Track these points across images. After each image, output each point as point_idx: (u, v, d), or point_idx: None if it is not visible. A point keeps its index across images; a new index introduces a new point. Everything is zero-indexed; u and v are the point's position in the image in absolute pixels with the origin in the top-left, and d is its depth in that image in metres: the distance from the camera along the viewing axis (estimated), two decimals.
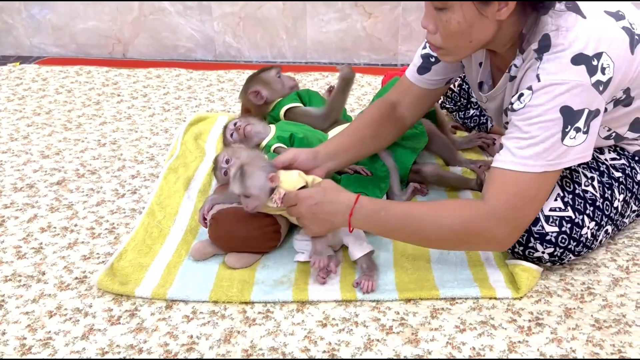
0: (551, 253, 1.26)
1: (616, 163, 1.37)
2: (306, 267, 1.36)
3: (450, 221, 1.21)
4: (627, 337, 1.16)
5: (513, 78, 1.26)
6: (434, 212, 1.24)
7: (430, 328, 1.18)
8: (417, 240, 1.30)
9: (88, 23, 2.87)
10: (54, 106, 2.28)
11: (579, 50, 1.13)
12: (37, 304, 1.26)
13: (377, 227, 1.28)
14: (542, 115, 1.14)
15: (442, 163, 1.81)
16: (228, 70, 2.66)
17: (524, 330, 1.17)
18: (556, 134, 1.14)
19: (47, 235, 1.49)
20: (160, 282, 1.30)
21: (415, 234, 1.26)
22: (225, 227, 1.35)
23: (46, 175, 1.77)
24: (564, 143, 1.15)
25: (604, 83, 1.15)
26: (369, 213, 1.25)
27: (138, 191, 1.69)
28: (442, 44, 1.20)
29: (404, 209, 1.28)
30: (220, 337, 1.16)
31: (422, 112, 1.56)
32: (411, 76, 1.50)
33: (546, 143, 1.15)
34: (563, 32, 1.15)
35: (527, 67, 1.20)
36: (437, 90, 1.51)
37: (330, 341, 1.15)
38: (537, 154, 1.16)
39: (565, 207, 1.26)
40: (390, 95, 1.55)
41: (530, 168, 1.16)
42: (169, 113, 2.22)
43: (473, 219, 1.21)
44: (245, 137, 1.70)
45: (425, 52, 1.46)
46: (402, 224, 1.25)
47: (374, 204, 1.27)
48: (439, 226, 1.22)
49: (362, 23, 2.76)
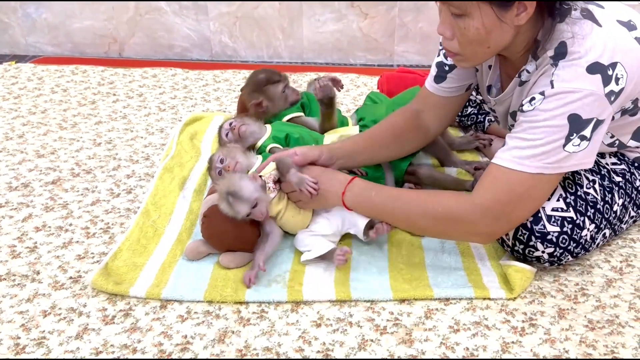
0: (551, 253, 1.26)
1: (617, 168, 1.37)
2: (301, 267, 1.36)
3: (434, 208, 1.24)
4: (620, 337, 1.16)
5: (523, 83, 1.26)
6: (421, 198, 1.28)
7: (424, 328, 1.19)
8: (404, 224, 1.35)
9: (84, 22, 2.86)
10: (49, 105, 2.28)
11: (595, 59, 1.13)
12: (31, 304, 1.25)
13: (366, 207, 1.33)
14: (549, 120, 1.14)
15: (438, 164, 1.81)
16: (224, 70, 2.66)
17: (517, 331, 1.18)
18: (559, 140, 1.14)
19: (42, 234, 1.49)
20: (155, 281, 1.30)
21: (401, 217, 1.30)
22: (217, 225, 1.36)
23: (41, 174, 1.77)
24: (566, 149, 1.15)
25: (616, 93, 1.15)
26: (360, 192, 1.31)
27: (133, 191, 1.69)
28: (460, 50, 1.19)
29: (394, 192, 1.34)
30: (215, 337, 1.16)
31: (446, 120, 1.56)
32: (429, 86, 1.51)
33: (546, 147, 1.15)
34: (579, 39, 1.14)
35: (541, 72, 1.19)
36: (457, 98, 1.50)
37: (325, 341, 1.15)
38: (534, 155, 1.16)
39: (567, 207, 1.26)
40: (413, 104, 1.56)
41: (524, 167, 1.17)
42: (165, 113, 2.22)
43: (456, 208, 1.22)
44: (241, 137, 1.70)
45: (439, 60, 1.47)
46: (390, 206, 1.29)
47: (367, 184, 1.33)
48: (423, 211, 1.25)
49: (359, 23, 2.76)
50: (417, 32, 2.74)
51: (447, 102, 1.51)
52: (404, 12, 2.71)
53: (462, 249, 1.42)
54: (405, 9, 2.70)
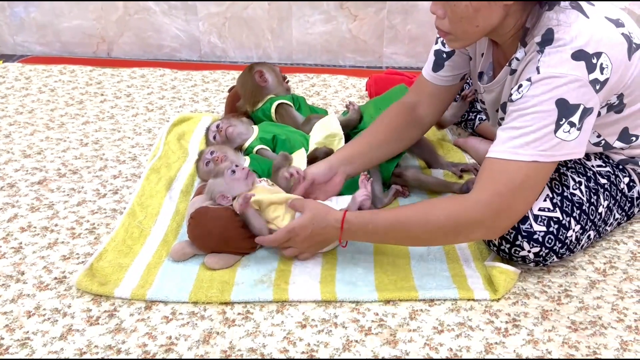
0: (537, 253, 1.27)
1: (602, 170, 1.39)
2: (287, 267, 1.36)
3: (436, 216, 1.23)
4: (602, 339, 1.17)
5: (514, 71, 1.28)
6: (420, 212, 1.27)
7: (408, 329, 1.19)
8: (409, 243, 1.36)
9: (72, 22, 2.85)
10: (36, 105, 2.27)
11: (580, 47, 1.15)
12: (15, 304, 1.25)
13: (367, 239, 1.35)
14: (537, 105, 1.16)
15: (424, 165, 1.82)
16: (213, 71, 2.65)
17: (500, 332, 1.19)
18: (549, 125, 1.15)
19: (27, 235, 1.48)
20: (140, 282, 1.30)
21: (405, 237, 1.30)
22: (203, 226, 1.36)
23: (27, 174, 1.76)
24: (557, 135, 1.16)
25: (600, 82, 1.16)
26: (357, 230, 1.29)
27: (119, 191, 1.68)
28: (450, 28, 1.21)
29: (390, 216, 1.29)
30: (199, 338, 1.16)
31: (440, 110, 1.60)
32: (427, 74, 1.54)
33: (537, 133, 1.16)
34: (566, 27, 1.17)
35: (528, 59, 1.21)
36: (452, 87, 1.54)
37: (309, 342, 1.16)
38: (527, 143, 1.17)
39: (553, 208, 1.27)
40: (409, 96, 1.58)
41: (519, 156, 1.17)
42: (153, 113, 2.22)
43: (456, 211, 1.23)
44: (228, 139, 1.70)
45: (437, 47, 1.50)
46: (391, 231, 1.28)
47: (360, 219, 1.29)
48: (426, 223, 1.24)
49: (348, 25, 2.77)
50: (406, 34, 2.75)
51: (443, 91, 1.54)
52: (392, 14, 2.72)
53: (447, 250, 1.43)
54: (394, 11, 2.71)
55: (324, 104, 2.30)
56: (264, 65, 1.92)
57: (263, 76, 1.88)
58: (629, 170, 1.42)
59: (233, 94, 1.99)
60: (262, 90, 1.88)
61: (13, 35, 2.90)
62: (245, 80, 1.90)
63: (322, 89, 2.45)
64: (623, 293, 1.30)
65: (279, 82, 1.93)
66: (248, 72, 1.90)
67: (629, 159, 1.40)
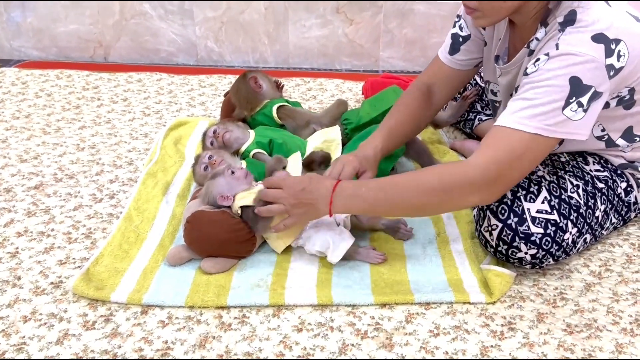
0: (534, 255, 1.28)
1: (600, 174, 1.39)
2: (283, 271, 1.36)
3: (429, 181, 1.24)
4: (597, 341, 1.18)
5: (532, 52, 1.29)
6: (413, 176, 1.28)
7: (404, 332, 1.19)
8: (401, 209, 1.31)
9: (69, 26, 2.86)
10: (33, 110, 2.27)
11: (601, 30, 1.16)
12: (11, 309, 1.25)
13: (359, 204, 1.29)
14: (551, 79, 1.17)
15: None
16: (210, 75, 2.66)
17: (496, 335, 1.19)
18: (559, 100, 1.16)
19: (24, 239, 1.48)
20: (136, 287, 1.30)
21: (397, 202, 1.27)
22: (199, 230, 1.36)
23: (24, 179, 1.76)
24: (564, 113, 1.16)
25: (615, 69, 1.17)
26: (349, 193, 1.27)
27: (116, 196, 1.69)
28: (478, 5, 1.23)
29: (383, 180, 1.31)
30: (195, 343, 1.16)
31: (451, 94, 1.62)
32: (443, 57, 1.56)
33: (546, 107, 1.17)
34: (589, 10, 1.18)
35: (548, 38, 1.23)
36: (466, 73, 1.57)
37: (306, 346, 1.16)
38: (534, 115, 1.17)
39: (551, 210, 1.28)
40: (424, 77, 1.60)
41: (524, 127, 1.18)
42: (149, 117, 2.22)
43: (452, 172, 1.23)
44: (225, 144, 1.71)
45: (455, 31, 1.52)
46: (383, 194, 1.26)
47: (353, 183, 1.31)
48: (417, 187, 1.24)
49: (344, 29, 2.78)
50: (402, 38, 2.75)
51: (457, 75, 1.56)
52: (388, 18, 2.72)
53: (443, 254, 1.43)
54: (390, 15, 2.72)
55: (320, 108, 2.30)
56: (257, 72, 1.95)
57: (257, 82, 1.90)
58: (628, 175, 1.42)
59: (229, 98, 1.99)
60: (257, 96, 1.89)
61: (10, 40, 2.91)
62: (240, 87, 1.91)
63: (318, 93, 2.46)
64: (618, 296, 1.30)
65: (273, 88, 1.96)
66: (242, 79, 1.92)
67: (628, 164, 1.41)
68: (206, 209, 1.41)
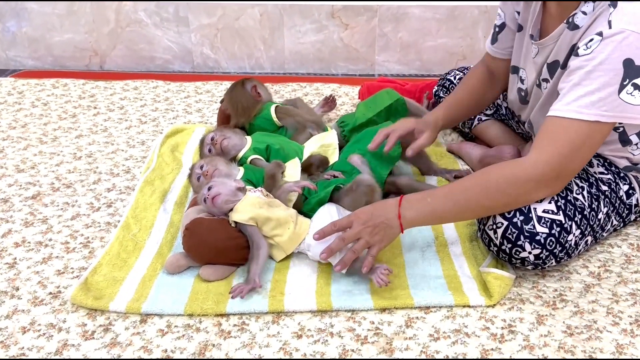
0: (537, 255, 1.27)
1: (603, 177, 1.39)
2: (282, 277, 1.36)
3: (495, 182, 1.24)
4: (597, 342, 1.17)
5: (575, 27, 1.27)
6: (477, 181, 1.27)
7: (404, 337, 1.19)
8: (470, 213, 1.33)
9: (64, 35, 2.85)
10: (29, 119, 2.26)
11: None
12: (10, 320, 1.25)
13: (427, 215, 1.29)
14: (605, 63, 1.15)
15: (417, 172, 1.82)
16: (206, 82, 2.66)
17: (496, 338, 1.19)
18: (614, 84, 1.15)
19: (21, 250, 1.48)
20: (135, 296, 1.29)
21: (465, 208, 1.28)
22: (198, 237, 1.36)
23: (21, 189, 1.76)
24: (620, 97, 1.16)
25: None
26: (416, 205, 1.27)
27: (114, 204, 1.68)
28: None
29: (447, 188, 1.30)
30: (195, 351, 1.16)
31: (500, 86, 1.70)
32: (488, 47, 1.66)
33: (602, 92, 1.16)
34: None
35: (597, 13, 1.21)
36: (506, 62, 1.62)
37: (306, 352, 1.16)
38: (592, 102, 1.17)
39: (557, 211, 1.27)
40: (481, 63, 1.70)
41: (583, 116, 1.17)
42: (146, 125, 2.22)
43: (516, 172, 1.23)
44: (223, 151, 1.70)
45: (495, 22, 1.60)
46: (450, 202, 1.27)
47: (417, 195, 1.30)
48: (486, 190, 1.24)
49: (339, 34, 2.78)
50: (397, 42, 2.76)
51: (499, 63, 1.64)
52: (383, 22, 2.73)
53: (442, 257, 1.43)
54: (385, 20, 2.72)
55: None
56: (253, 80, 1.95)
57: (257, 91, 1.89)
58: (631, 177, 1.42)
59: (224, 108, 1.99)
60: (256, 105, 1.89)
61: (5, 50, 2.90)
62: (240, 96, 1.89)
63: (315, 97, 2.46)
64: (618, 296, 1.30)
65: (268, 94, 1.97)
66: (240, 88, 1.90)
67: (633, 166, 1.40)
68: (205, 216, 1.41)
